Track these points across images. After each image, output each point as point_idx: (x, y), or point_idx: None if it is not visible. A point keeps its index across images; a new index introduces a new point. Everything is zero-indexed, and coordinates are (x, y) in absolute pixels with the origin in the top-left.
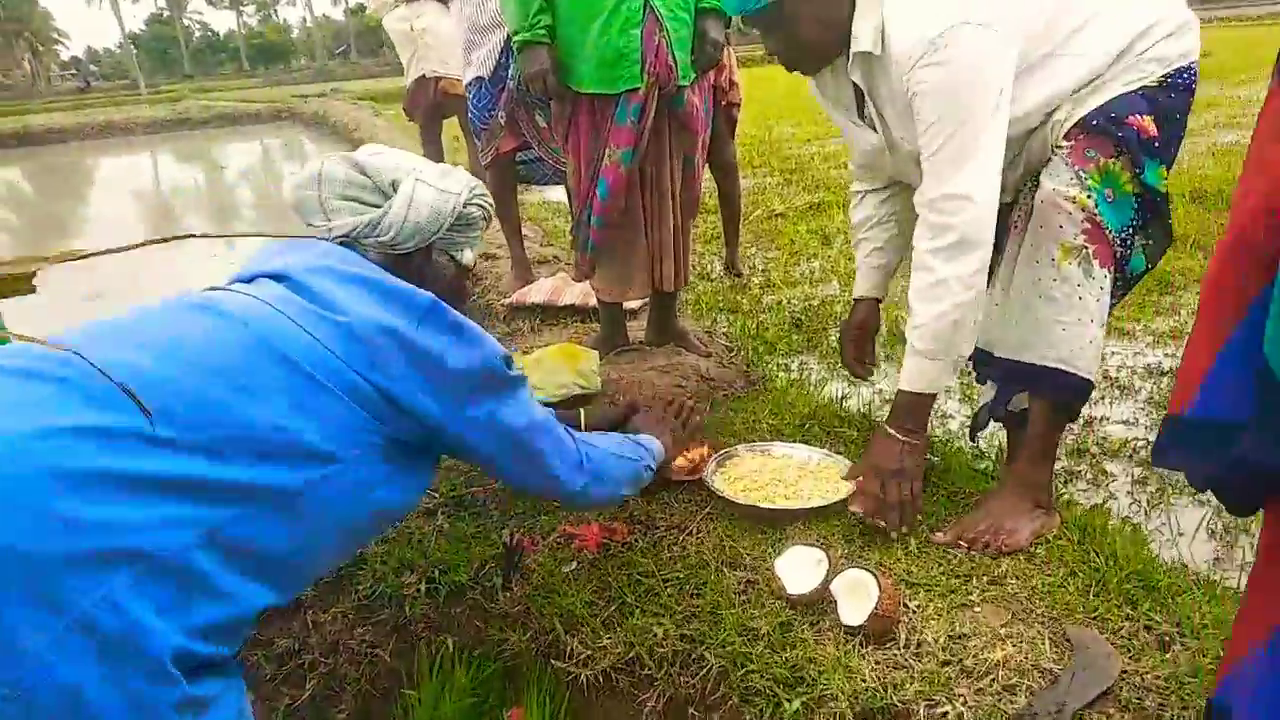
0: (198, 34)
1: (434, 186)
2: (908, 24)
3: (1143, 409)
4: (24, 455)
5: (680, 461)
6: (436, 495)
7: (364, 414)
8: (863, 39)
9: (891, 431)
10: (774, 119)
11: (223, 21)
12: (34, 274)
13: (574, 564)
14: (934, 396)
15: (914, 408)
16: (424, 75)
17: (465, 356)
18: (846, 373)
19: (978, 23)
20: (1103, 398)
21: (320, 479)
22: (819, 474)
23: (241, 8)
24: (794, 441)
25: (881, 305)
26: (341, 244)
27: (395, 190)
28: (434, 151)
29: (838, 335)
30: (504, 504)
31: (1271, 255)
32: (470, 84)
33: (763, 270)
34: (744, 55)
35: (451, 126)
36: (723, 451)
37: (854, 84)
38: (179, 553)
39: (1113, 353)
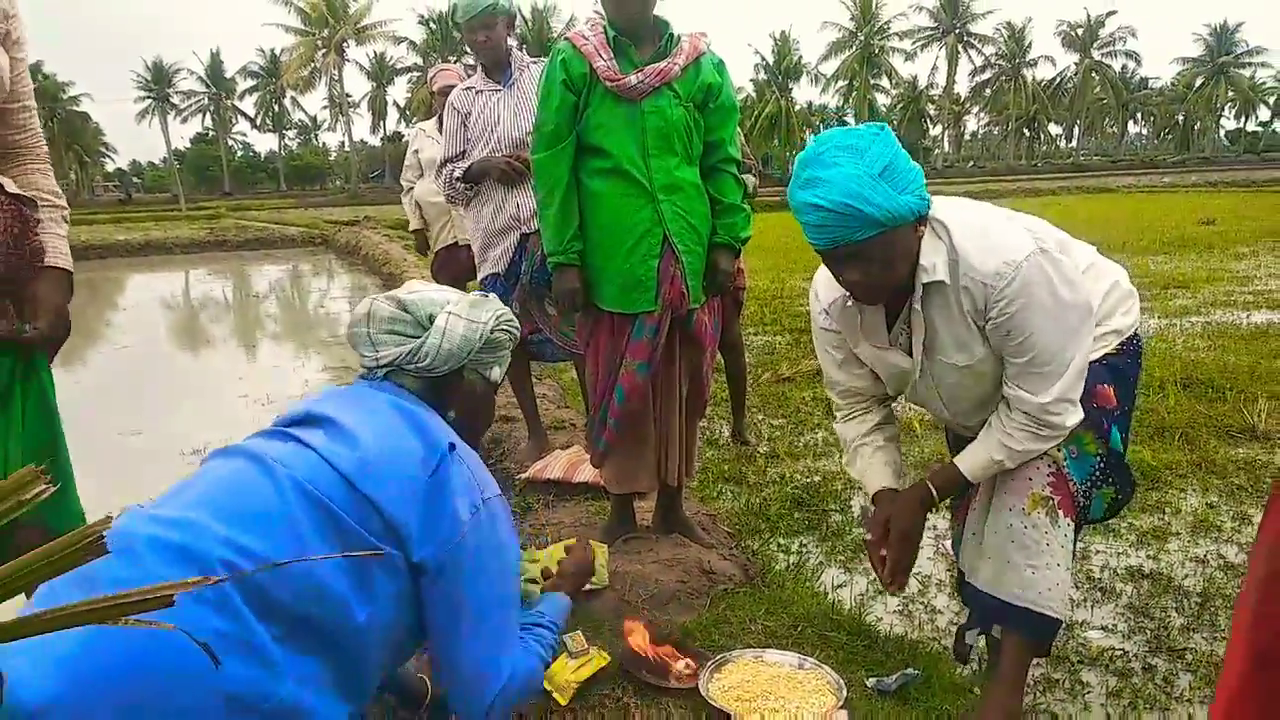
0: (239, 154)
1: (464, 318)
2: (985, 253)
3: (1123, 615)
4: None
5: (680, 668)
6: None
7: (383, 545)
8: (936, 270)
9: (931, 493)
10: (786, 271)
11: (264, 143)
12: None
13: None
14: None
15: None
16: (455, 243)
17: (459, 511)
18: (844, 560)
19: (1054, 252)
20: (1084, 600)
21: (375, 610)
22: (805, 684)
23: (284, 131)
24: (787, 646)
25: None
26: (386, 373)
27: (431, 323)
28: None
29: (862, 535)
30: None
31: None
32: (486, 279)
33: (768, 439)
34: (761, 200)
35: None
36: (719, 657)
37: (886, 312)
38: (284, 697)
39: (1096, 551)
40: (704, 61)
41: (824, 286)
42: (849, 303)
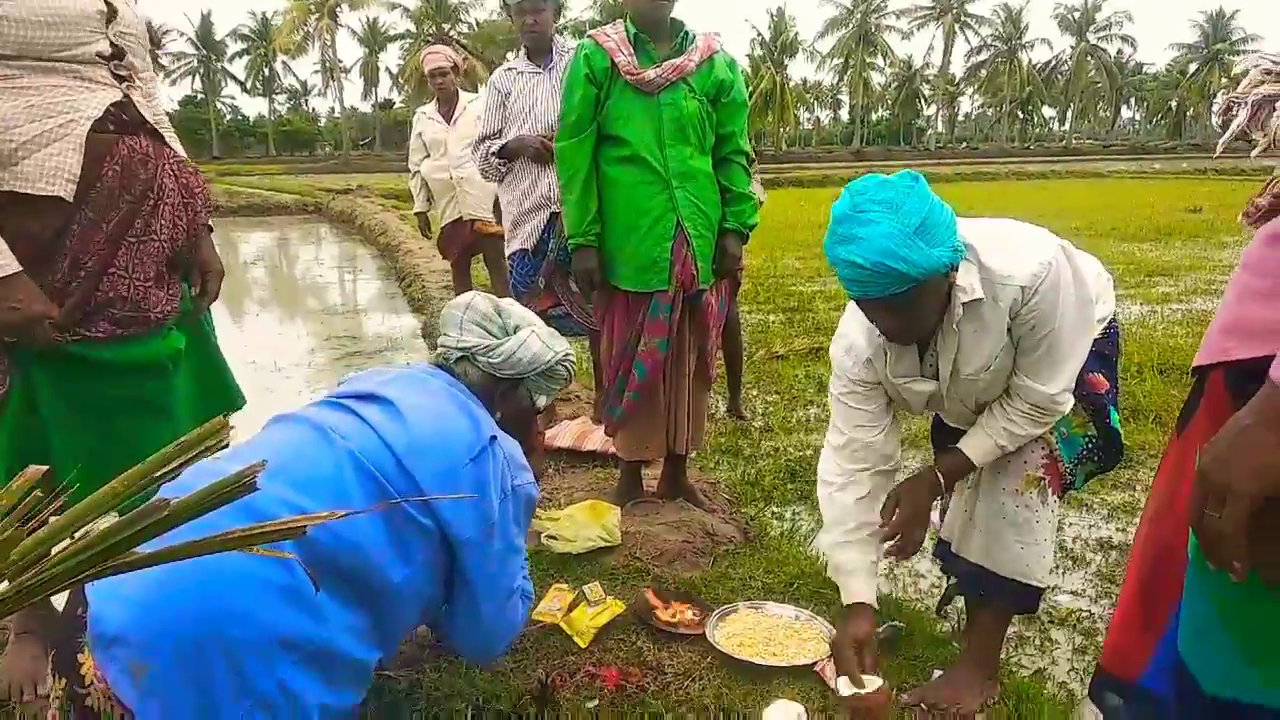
0: (228, 118)
1: (542, 341)
2: (1015, 260)
3: (1091, 581)
4: (225, 569)
5: (689, 617)
6: None
7: (421, 518)
8: (974, 290)
9: (939, 479)
10: (779, 250)
11: (254, 107)
12: None
13: (595, 701)
14: None
15: (963, 469)
16: (461, 218)
17: (491, 495)
18: None
19: (1068, 246)
20: (1057, 567)
21: (410, 573)
22: (802, 633)
23: (274, 95)
24: (783, 601)
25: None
26: (458, 359)
27: (515, 332)
28: (464, 285)
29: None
30: (539, 645)
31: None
32: (514, 255)
33: (763, 414)
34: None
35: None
36: (724, 607)
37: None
38: (327, 640)
39: (1069, 524)
40: (717, 59)
41: (862, 337)
42: (883, 343)
